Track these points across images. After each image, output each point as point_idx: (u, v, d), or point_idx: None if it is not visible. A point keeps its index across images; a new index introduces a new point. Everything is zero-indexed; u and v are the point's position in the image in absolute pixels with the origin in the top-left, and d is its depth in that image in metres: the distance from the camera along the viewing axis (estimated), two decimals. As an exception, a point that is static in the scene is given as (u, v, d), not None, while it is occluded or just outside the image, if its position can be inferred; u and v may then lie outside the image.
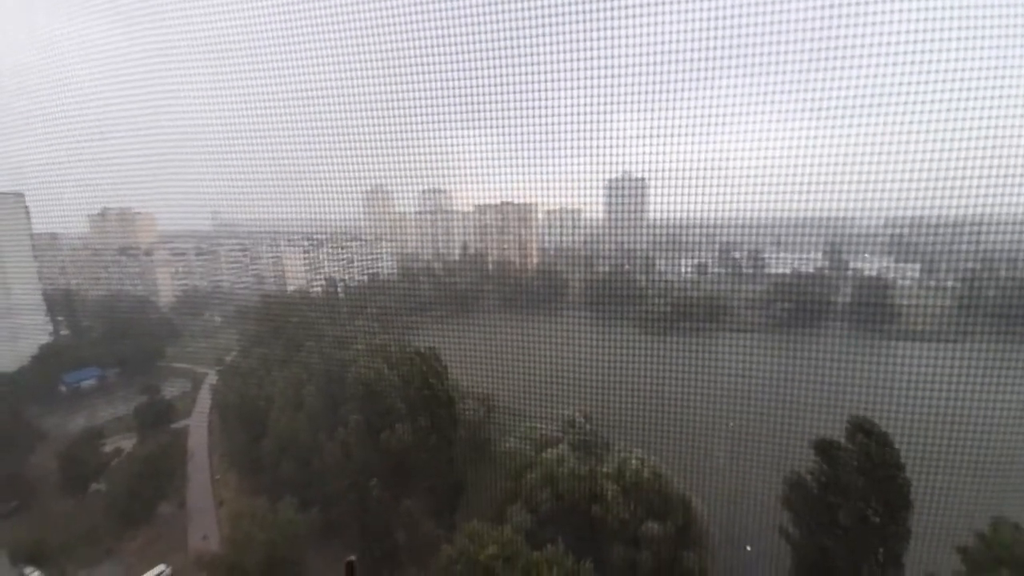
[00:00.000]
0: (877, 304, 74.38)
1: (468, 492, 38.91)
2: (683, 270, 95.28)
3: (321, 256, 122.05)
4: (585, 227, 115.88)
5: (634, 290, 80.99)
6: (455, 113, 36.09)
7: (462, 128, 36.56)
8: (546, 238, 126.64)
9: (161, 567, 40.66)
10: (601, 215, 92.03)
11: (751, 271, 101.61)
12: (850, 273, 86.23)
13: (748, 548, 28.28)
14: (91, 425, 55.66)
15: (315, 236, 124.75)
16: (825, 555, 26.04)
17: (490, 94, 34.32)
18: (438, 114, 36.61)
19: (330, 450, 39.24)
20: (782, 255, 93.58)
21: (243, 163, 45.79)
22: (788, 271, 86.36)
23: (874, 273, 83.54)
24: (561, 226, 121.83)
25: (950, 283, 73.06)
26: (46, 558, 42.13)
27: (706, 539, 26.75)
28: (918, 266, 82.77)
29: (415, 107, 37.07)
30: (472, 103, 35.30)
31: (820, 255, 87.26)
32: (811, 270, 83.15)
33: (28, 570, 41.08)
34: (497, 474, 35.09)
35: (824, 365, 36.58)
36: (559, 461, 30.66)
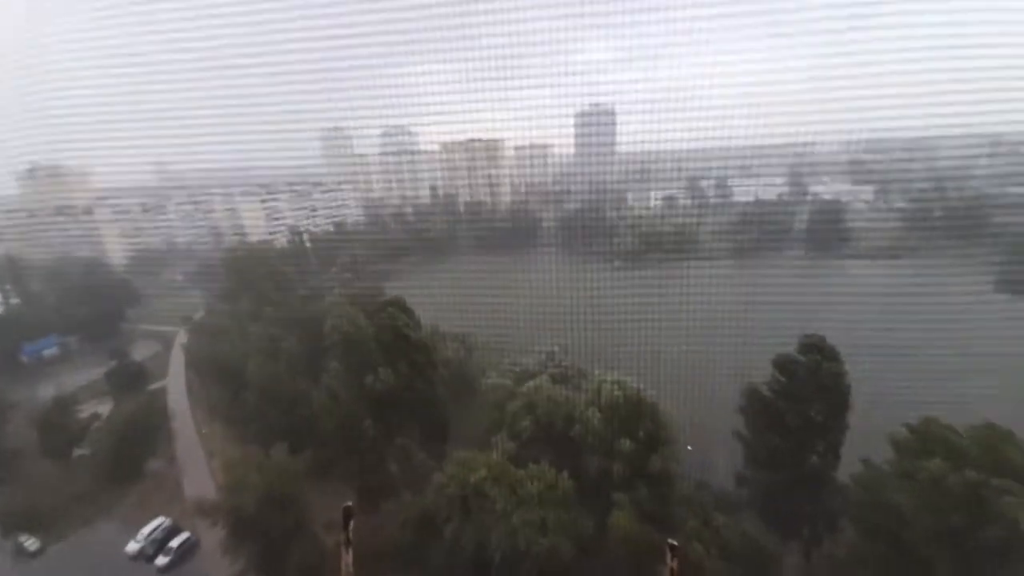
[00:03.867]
0: (834, 226, 77.79)
1: (456, 425, 41.18)
2: (652, 202, 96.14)
3: (281, 205, 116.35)
4: (555, 163, 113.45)
5: (606, 224, 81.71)
6: (414, 43, 33.46)
7: (422, 60, 34.10)
8: (516, 176, 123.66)
9: (160, 519, 41.66)
10: (571, 150, 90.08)
11: (718, 200, 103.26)
12: (809, 198, 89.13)
13: (689, 448, 31.77)
14: (62, 393, 54.35)
15: (273, 185, 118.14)
16: (774, 452, 29.76)
17: (451, 20, 31.78)
18: (395, 45, 33.86)
19: (316, 397, 40.13)
20: (747, 183, 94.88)
21: (185, 109, 41.79)
22: (752, 199, 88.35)
23: (831, 197, 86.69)
24: (531, 163, 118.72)
25: (899, 204, 77.09)
26: (40, 524, 41.74)
27: (672, 445, 29.74)
28: (871, 188, 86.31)
29: (370, 38, 34.03)
30: (432, 31, 32.72)
31: (782, 181, 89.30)
32: (773, 197, 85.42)
33: (23, 538, 40.78)
34: (482, 407, 37.05)
35: (783, 287, 39.12)
36: (538, 390, 32.56)
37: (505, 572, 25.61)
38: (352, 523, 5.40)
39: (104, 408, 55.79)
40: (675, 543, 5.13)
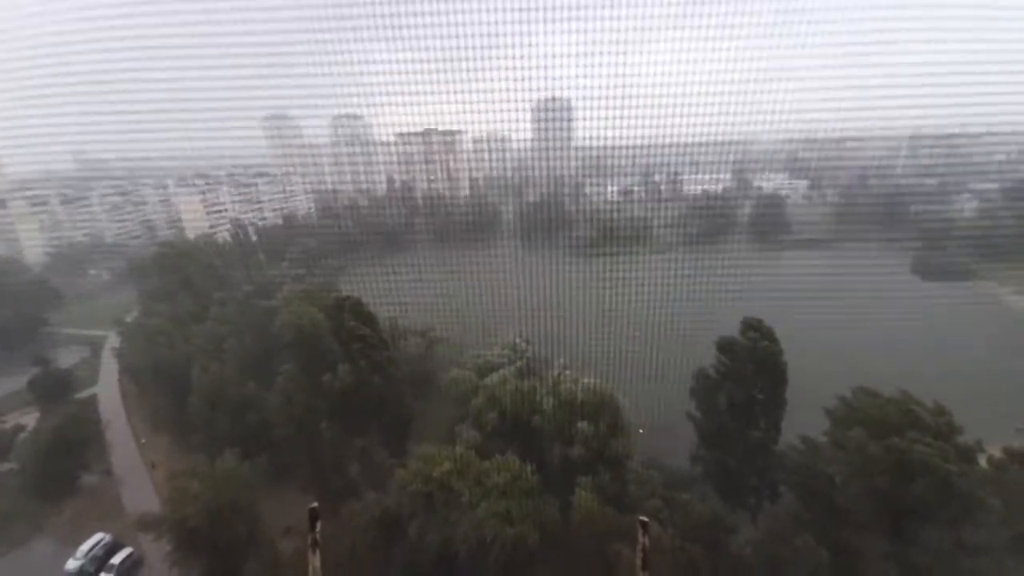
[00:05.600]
0: (776, 216, 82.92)
1: (419, 420, 40.77)
2: (609, 195, 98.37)
3: (222, 196, 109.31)
4: (514, 154, 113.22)
5: (564, 216, 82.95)
6: (366, 27, 32.15)
7: (375, 43, 32.85)
8: (474, 167, 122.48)
9: (99, 535, 39.23)
10: (529, 141, 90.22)
11: (670, 193, 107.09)
12: (753, 191, 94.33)
13: (640, 431, 33.38)
14: (-21, 405, 49.29)
15: (211, 174, 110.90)
16: (721, 430, 31.74)
17: (407, 7, 30.76)
18: (346, 28, 32.36)
19: (269, 399, 38.45)
20: (696, 177, 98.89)
21: (110, 90, 38.11)
22: (700, 191, 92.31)
23: (771, 190, 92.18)
24: (489, 153, 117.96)
25: (829, 195, 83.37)
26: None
27: (630, 430, 30.97)
28: (806, 181, 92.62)
29: (317, 20, 32.31)
30: (385, 15, 31.55)
31: (729, 175, 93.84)
32: (720, 189, 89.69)
33: None
34: (445, 401, 36.87)
35: (730, 274, 41.44)
36: (502, 382, 32.81)
37: (472, 563, 25.88)
38: (319, 524, 5.31)
39: (29, 419, 51.24)
40: (646, 520, 5.38)
